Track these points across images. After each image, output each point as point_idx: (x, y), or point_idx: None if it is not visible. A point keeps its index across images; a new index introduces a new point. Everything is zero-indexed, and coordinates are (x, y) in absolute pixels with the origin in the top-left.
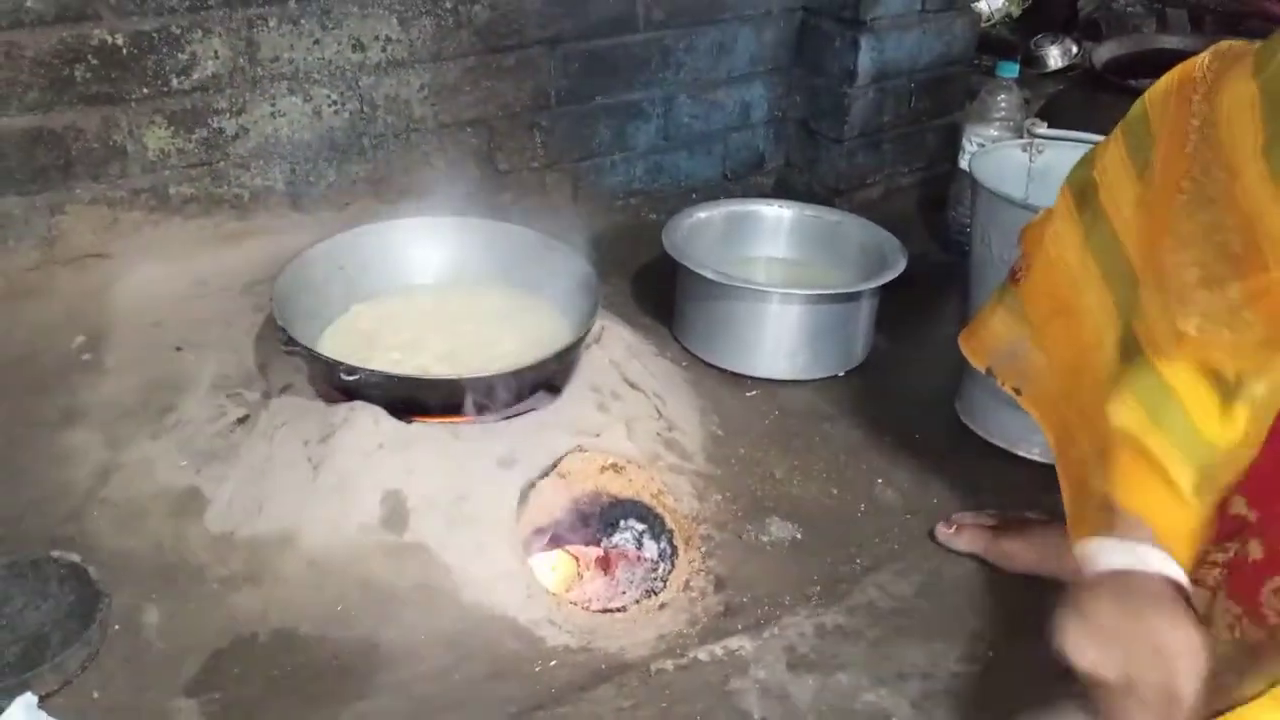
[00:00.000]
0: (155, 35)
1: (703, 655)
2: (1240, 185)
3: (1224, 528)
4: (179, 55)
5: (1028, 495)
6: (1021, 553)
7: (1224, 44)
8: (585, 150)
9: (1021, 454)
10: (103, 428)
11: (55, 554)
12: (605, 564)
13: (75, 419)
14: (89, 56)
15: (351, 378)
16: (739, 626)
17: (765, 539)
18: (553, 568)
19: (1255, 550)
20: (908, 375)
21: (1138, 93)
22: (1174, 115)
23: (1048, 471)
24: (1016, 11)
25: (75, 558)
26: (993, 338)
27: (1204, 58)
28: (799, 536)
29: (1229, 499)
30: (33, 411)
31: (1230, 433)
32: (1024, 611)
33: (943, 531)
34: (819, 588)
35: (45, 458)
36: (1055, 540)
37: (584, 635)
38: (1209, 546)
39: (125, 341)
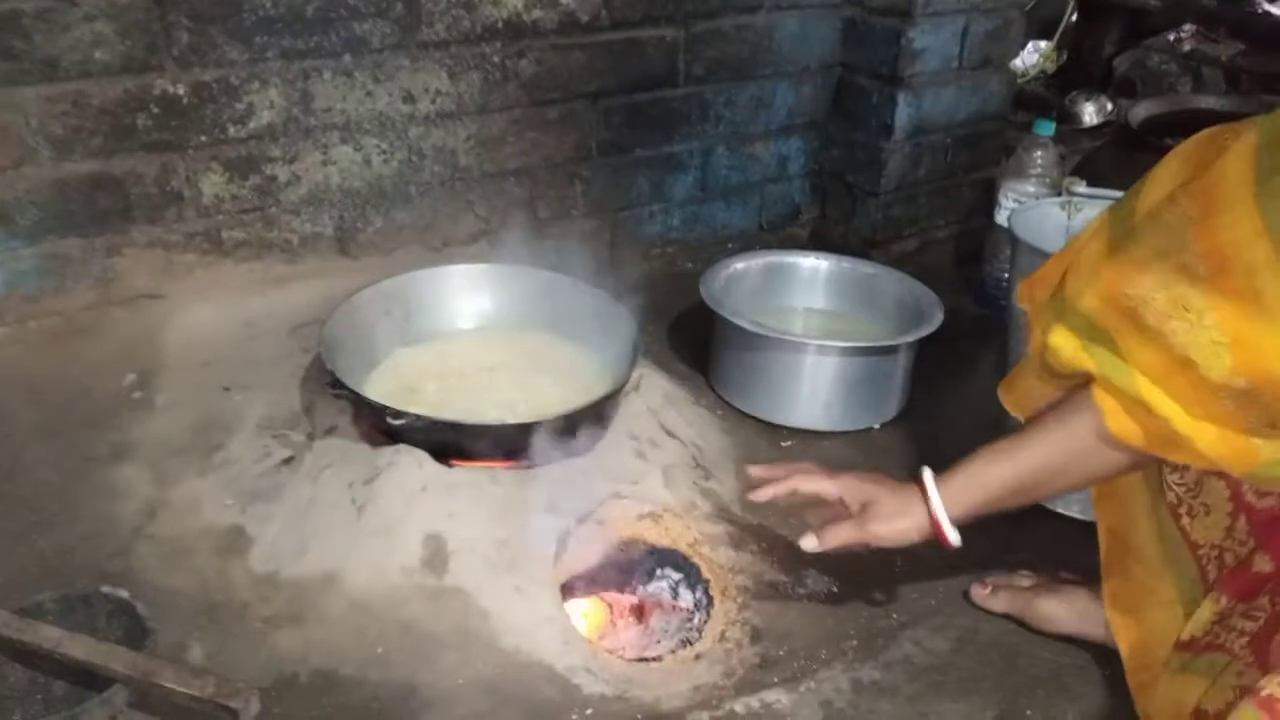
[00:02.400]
0: (215, 85)
1: (739, 708)
2: (1221, 218)
3: (1248, 586)
4: (236, 105)
5: (1065, 553)
6: (1059, 616)
7: (1238, 127)
8: (625, 200)
9: (1060, 511)
10: (151, 465)
11: (105, 589)
12: (639, 612)
13: (125, 455)
14: (151, 105)
15: (398, 422)
16: (775, 680)
17: (802, 591)
18: (584, 614)
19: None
20: (943, 429)
21: None
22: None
23: (1085, 529)
24: (1052, 68)
25: (124, 594)
26: (1034, 389)
27: (1220, 142)
28: (835, 589)
29: (1253, 556)
30: (85, 447)
31: None
32: (1061, 668)
33: (978, 592)
34: (855, 642)
35: (96, 493)
36: (1090, 603)
37: (620, 684)
38: (1233, 610)
39: (175, 380)
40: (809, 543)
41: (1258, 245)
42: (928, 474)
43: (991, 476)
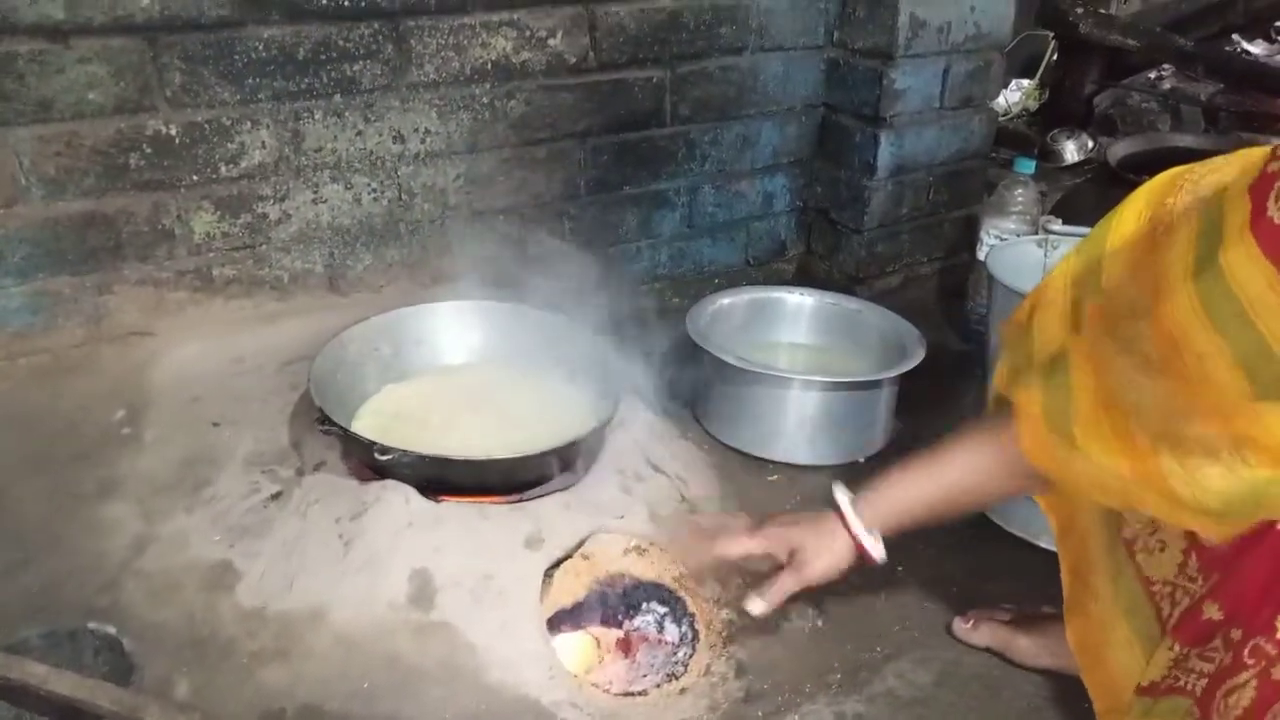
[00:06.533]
0: (207, 126)
1: None
2: (1167, 306)
3: (1199, 633)
4: (228, 145)
5: (1045, 585)
6: (1039, 650)
7: (1199, 169)
8: (612, 237)
9: (1042, 545)
10: (140, 500)
11: (91, 625)
12: (626, 646)
13: (114, 491)
14: (144, 145)
15: (385, 457)
16: (759, 713)
17: (786, 625)
18: (570, 648)
19: (1227, 658)
20: None
21: None
22: (1141, 252)
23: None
24: (1034, 106)
25: (110, 629)
26: None
27: (1180, 184)
28: (820, 623)
29: (1202, 603)
30: (73, 483)
31: None
32: (1043, 702)
33: (960, 626)
34: (839, 675)
35: (84, 528)
36: None
37: (605, 719)
38: (1188, 654)
39: (165, 416)
40: (756, 606)
41: (1201, 332)
42: (843, 499)
43: (910, 500)
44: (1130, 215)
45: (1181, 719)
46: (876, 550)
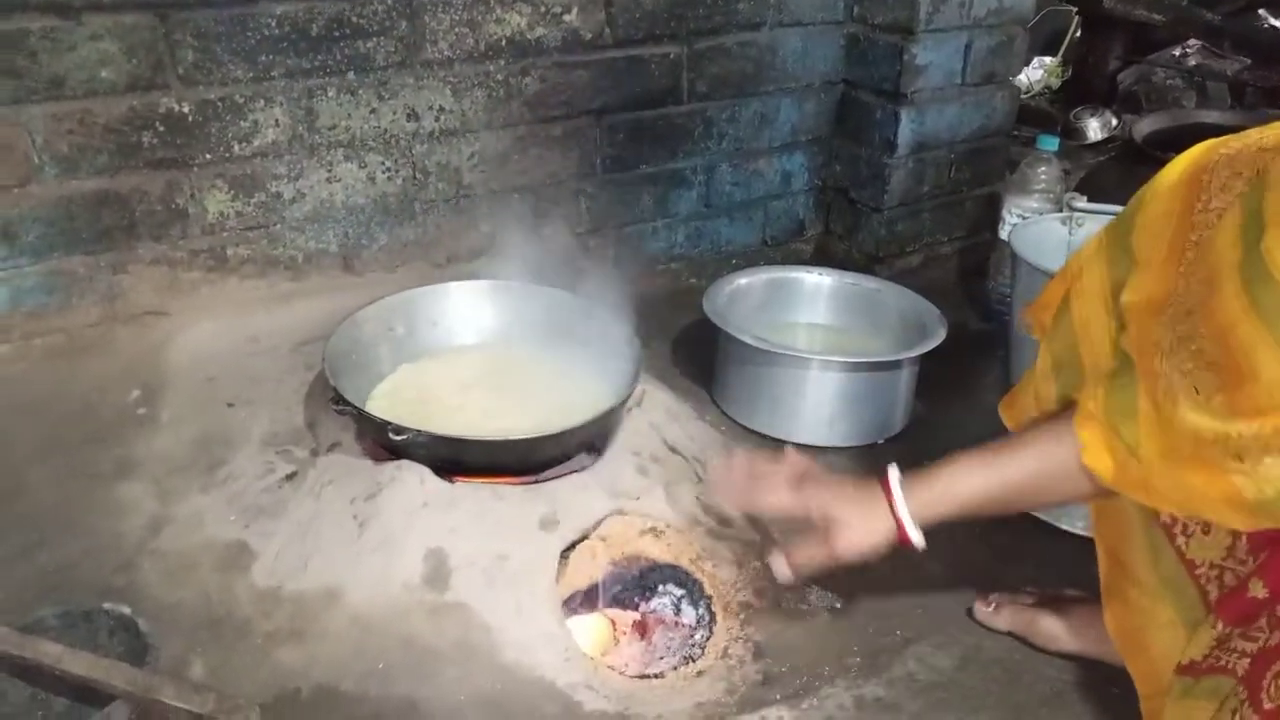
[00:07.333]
0: (220, 104)
1: None
2: (1218, 299)
3: (1244, 611)
4: (241, 123)
5: (1069, 569)
6: (1062, 634)
7: (1234, 143)
8: (629, 216)
9: (1064, 528)
10: (155, 481)
11: (106, 605)
12: (642, 629)
13: (129, 471)
14: (157, 123)
15: (400, 437)
16: (777, 696)
17: (804, 607)
18: (586, 630)
19: (1275, 637)
20: (947, 444)
21: None
22: (1175, 226)
23: (1089, 545)
24: (1056, 84)
25: (125, 609)
26: (1032, 406)
27: (1215, 159)
28: (838, 606)
29: (1248, 581)
30: (89, 463)
31: None
32: (1065, 686)
33: (981, 609)
34: (858, 658)
35: (99, 509)
36: (1095, 621)
37: (621, 701)
38: (1231, 633)
39: (180, 397)
40: (779, 568)
41: (1247, 323)
42: (894, 477)
43: (964, 491)
44: (1163, 189)
45: (1224, 699)
46: (917, 536)
